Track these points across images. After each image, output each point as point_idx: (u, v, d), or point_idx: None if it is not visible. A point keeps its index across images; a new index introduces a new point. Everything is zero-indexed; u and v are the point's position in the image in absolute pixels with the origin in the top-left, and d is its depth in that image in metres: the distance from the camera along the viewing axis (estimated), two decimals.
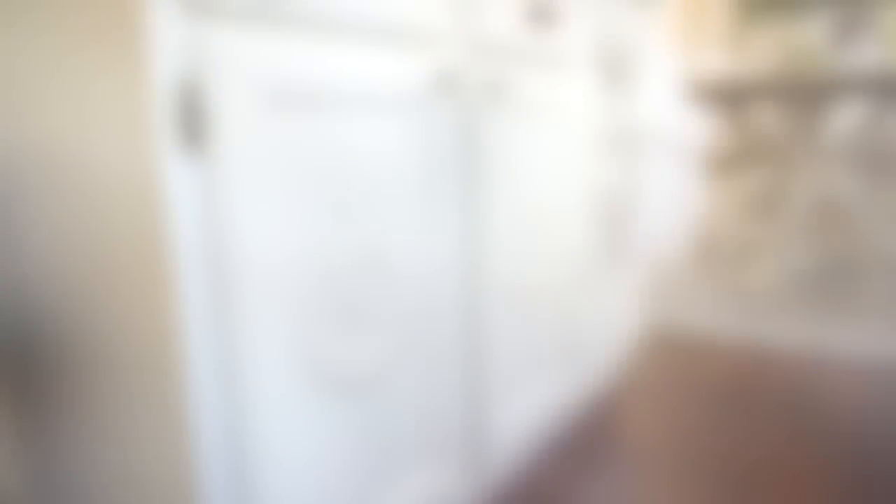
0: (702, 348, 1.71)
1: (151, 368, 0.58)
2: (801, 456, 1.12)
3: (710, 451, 1.15)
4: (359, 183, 0.66)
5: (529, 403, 1.01)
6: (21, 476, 0.79)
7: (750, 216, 2.76)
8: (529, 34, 0.89)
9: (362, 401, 0.69)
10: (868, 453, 1.13)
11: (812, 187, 2.49)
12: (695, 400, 1.37)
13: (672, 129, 1.13)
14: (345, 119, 0.63)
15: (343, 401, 0.67)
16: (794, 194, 2.35)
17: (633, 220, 1.16)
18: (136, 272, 0.57)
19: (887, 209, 1.76)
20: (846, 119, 1.82)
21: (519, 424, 0.98)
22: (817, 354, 1.64)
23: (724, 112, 2.55)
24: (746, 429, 1.24)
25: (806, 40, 2.12)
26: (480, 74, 0.80)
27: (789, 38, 2.11)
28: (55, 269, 0.68)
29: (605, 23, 1.14)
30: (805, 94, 2.14)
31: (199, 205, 0.52)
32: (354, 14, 0.62)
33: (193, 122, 0.50)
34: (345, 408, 0.67)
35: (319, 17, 0.59)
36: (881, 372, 1.52)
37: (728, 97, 2.48)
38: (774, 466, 1.11)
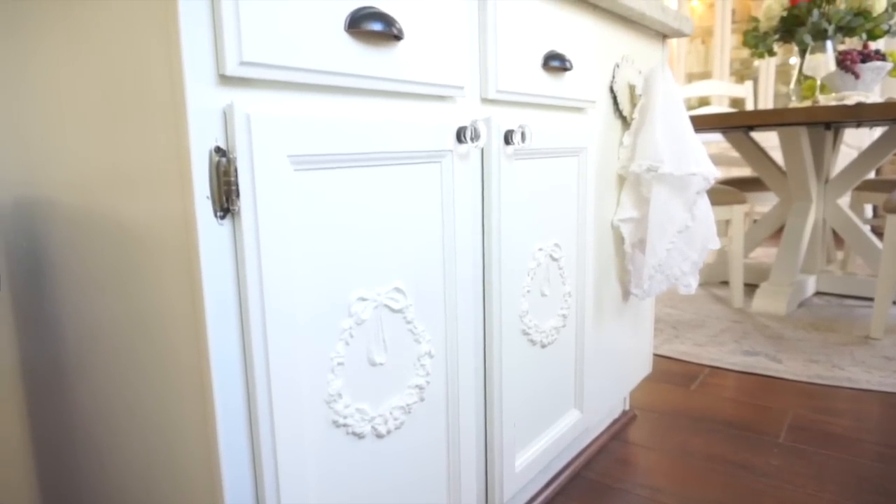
0: (714, 376, 1.70)
1: (188, 423, 0.59)
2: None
3: (725, 487, 1.15)
4: (381, 233, 0.67)
5: (543, 444, 1.01)
6: None
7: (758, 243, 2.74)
8: (547, 81, 0.91)
9: (384, 446, 0.70)
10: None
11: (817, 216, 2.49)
12: (706, 431, 1.37)
13: (684, 162, 1.13)
14: (368, 174, 0.64)
15: (363, 446, 0.67)
16: (802, 223, 2.36)
17: (649, 254, 1.17)
18: (166, 328, 0.58)
19: None
20: None
21: (533, 465, 0.98)
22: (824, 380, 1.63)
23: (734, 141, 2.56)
24: (759, 465, 1.23)
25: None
26: (500, 125, 0.81)
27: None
28: (83, 324, 0.69)
29: (620, 61, 1.16)
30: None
31: (230, 263, 0.53)
32: (380, 78, 0.63)
33: (225, 185, 0.51)
34: (365, 453, 0.68)
35: (345, 81, 0.60)
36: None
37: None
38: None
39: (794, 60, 2.53)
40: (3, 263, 0.78)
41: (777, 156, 2.72)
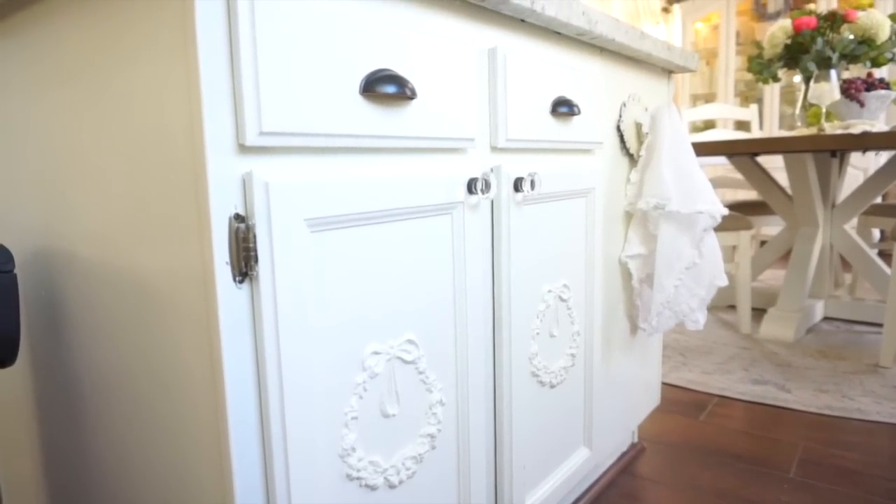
0: (723, 406, 1.69)
1: (205, 478, 0.60)
2: None
3: None
4: (394, 286, 0.68)
5: (553, 485, 1.01)
6: None
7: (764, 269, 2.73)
8: (555, 126, 0.92)
9: (396, 496, 0.70)
10: None
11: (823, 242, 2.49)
12: (715, 465, 1.36)
13: (691, 199, 1.14)
14: (381, 230, 0.65)
15: (376, 497, 0.68)
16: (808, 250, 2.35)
17: (657, 291, 1.17)
18: (184, 385, 0.59)
19: None
20: None
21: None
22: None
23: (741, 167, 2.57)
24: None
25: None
26: (510, 173, 0.83)
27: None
28: (101, 374, 0.70)
29: (627, 100, 1.18)
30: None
31: (247, 325, 0.54)
32: (392, 136, 0.65)
33: (244, 251, 0.53)
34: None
35: (359, 142, 0.62)
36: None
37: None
38: None
39: (798, 79, 2.55)
40: (22, 309, 0.79)
41: (782, 175, 2.73)
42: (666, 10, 4.73)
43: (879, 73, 3.63)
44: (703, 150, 2.22)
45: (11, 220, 0.79)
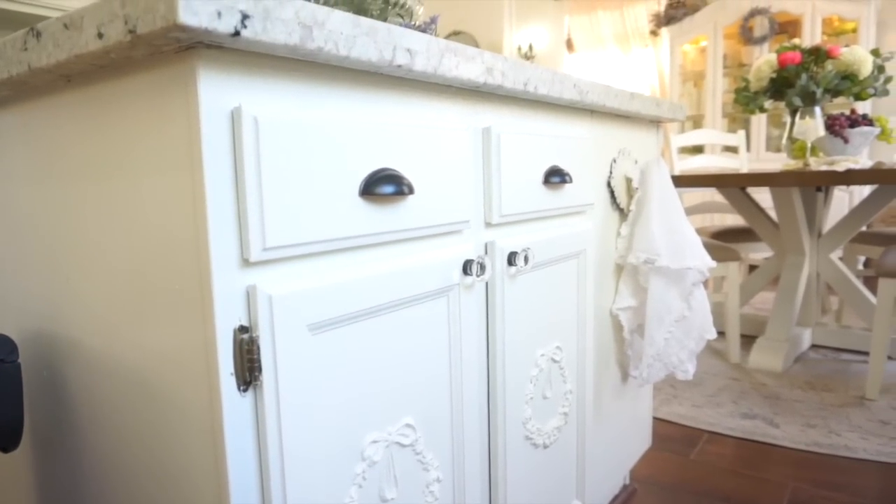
0: (713, 443, 1.72)
1: None
2: None
3: None
4: (391, 373, 0.70)
5: None
6: None
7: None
8: (547, 195, 0.94)
9: None
10: None
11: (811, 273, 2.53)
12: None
13: (680, 254, 1.17)
14: (379, 322, 0.67)
15: None
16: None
17: (647, 343, 1.20)
18: (188, 480, 0.60)
19: None
20: None
21: None
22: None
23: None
24: None
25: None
26: (504, 247, 0.85)
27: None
28: (104, 459, 0.71)
29: (617, 156, 1.20)
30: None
31: (250, 427, 0.56)
32: (390, 231, 0.67)
33: (249, 362, 0.54)
34: None
35: (357, 241, 0.64)
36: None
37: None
38: None
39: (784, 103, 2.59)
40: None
41: (768, 196, 2.76)
42: (654, 32, 4.80)
43: (863, 106, 3.70)
44: (693, 182, 2.26)
45: (15, 301, 0.81)
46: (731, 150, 4.02)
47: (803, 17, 4.09)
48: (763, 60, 2.44)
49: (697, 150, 4.09)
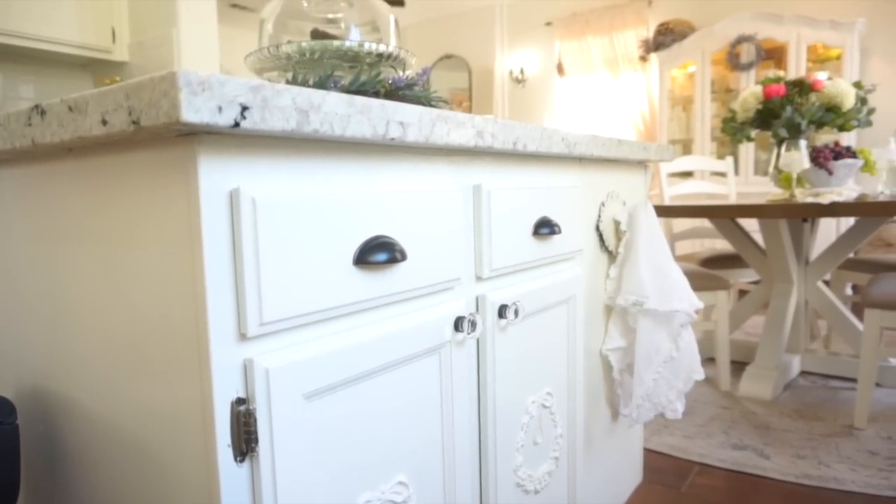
0: (704, 475, 1.73)
1: None
2: None
3: None
4: (385, 432, 0.71)
5: None
6: None
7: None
8: (537, 246, 0.97)
9: None
10: None
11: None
12: None
13: (667, 297, 1.20)
14: (373, 384, 0.69)
15: None
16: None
17: (636, 384, 1.21)
18: None
19: None
20: None
21: None
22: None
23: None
24: None
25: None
26: (495, 301, 0.87)
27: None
28: None
29: (605, 199, 1.23)
30: None
31: (246, 494, 0.57)
32: (383, 296, 0.69)
33: (245, 433, 0.56)
34: None
35: (351, 308, 0.65)
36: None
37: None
38: None
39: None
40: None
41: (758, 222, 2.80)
42: (643, 58, 4.87)
43: (848, 137, 3.76)
44: (683, 213, 2.30)
45: (14, 355, 0.82)
46: (720, 174, 4.08)
47: (788, 44, 4.17)
48: (749, 92, 2.49)
49: (687, 174, 4.14)
